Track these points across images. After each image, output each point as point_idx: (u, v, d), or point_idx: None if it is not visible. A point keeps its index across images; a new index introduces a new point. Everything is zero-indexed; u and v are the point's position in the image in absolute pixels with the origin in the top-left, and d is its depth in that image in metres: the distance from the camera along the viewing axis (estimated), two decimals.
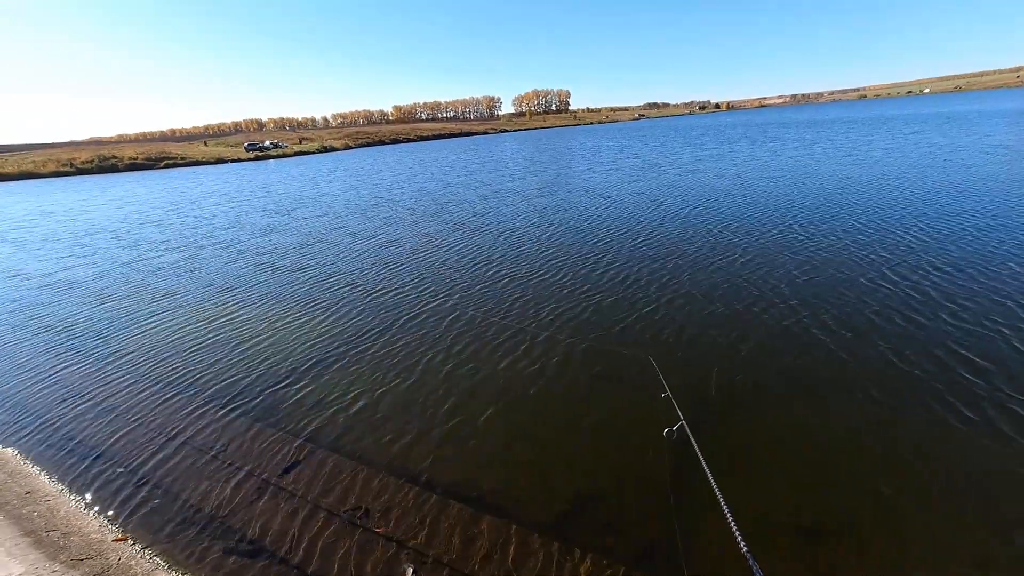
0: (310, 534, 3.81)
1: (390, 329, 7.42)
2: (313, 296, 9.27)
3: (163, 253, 14.41)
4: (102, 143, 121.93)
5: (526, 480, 4.15)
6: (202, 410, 5.70)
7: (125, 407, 5.92)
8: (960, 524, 3.36)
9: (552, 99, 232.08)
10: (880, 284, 7.36)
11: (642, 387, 5.16)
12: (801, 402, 4.79)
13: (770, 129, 51.75)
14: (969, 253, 8.31)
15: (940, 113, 53.54)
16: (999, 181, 13.87)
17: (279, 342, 7.29)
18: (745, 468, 4.01)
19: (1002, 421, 4.27)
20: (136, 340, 7.87)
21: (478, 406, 5.26)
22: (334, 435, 4.99)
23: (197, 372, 6.59)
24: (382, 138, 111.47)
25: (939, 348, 5.47)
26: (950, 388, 4.77)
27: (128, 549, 3.81)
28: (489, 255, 11.15)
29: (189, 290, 10.38)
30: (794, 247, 9.58)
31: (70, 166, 69.26)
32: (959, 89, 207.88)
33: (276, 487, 4.36)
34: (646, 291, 7.93)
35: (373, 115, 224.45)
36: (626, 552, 3.39)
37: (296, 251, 13.25)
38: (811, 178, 17.39)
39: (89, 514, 4.23)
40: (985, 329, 5.76)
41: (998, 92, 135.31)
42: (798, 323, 6.39)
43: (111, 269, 12.90)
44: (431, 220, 16.12)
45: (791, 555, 3.25)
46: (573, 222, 13.87)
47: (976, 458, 3.90)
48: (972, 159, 18.38)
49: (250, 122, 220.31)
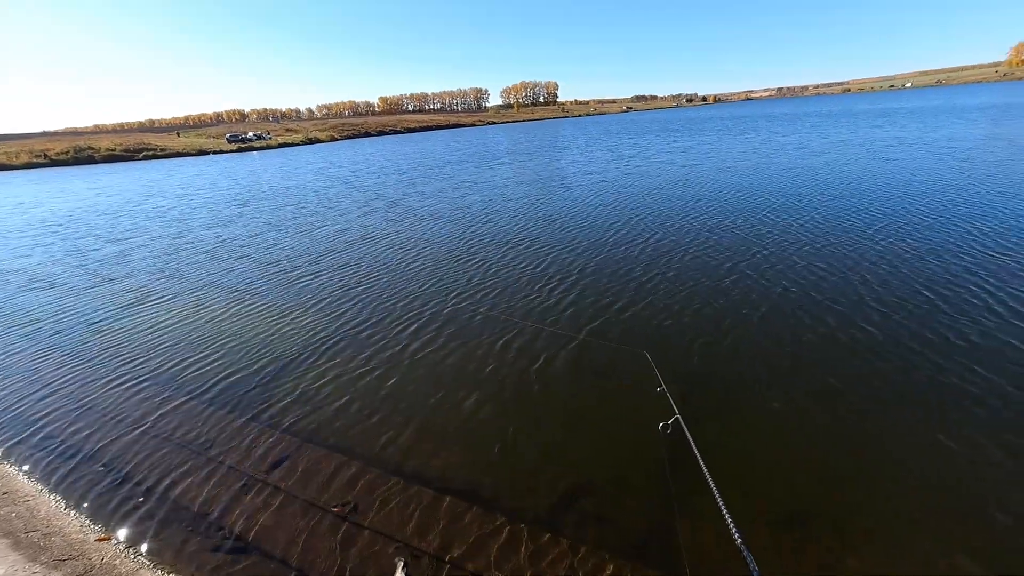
0: (299, 529, 3.78)
1: (377, 322, 7.36)
2: (297, 290, 9.14)
3: (141, 247, 14.08)
4: (78, 133, 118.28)
5: (518, 474, 4.15)
6: (186, 406, 5.60)
7: (105, 404, 5.79)
8: (954, 514, 3.42)
9: (540, 91, 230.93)
10: (879, 276, 7.49)
11: (637, 382, 5.17)
12: (796, 394, 4.84)
13: (748, 121, 52.38)
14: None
15: (905, 108, 55.54)
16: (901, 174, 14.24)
17: (261, 336, 7.19)
18: (740, 461, 4.04)
19: (995, 413, 4.38)
20: (115, 335, 7.69)
21: (469, 400, 5.24)
22: (321, 430, 4.94)
23: (180, 367, 6.46)
24: (368, 130, 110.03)
25: (932, 339, 5.57)
26: (942, 380, 4.87)
27: (111, 548, 3.74)
28: (477, 248, 11.09)
29: (168, 285, 10.16)
30: (788, 242, 9.69)
31: (44, 157, 67.16)
32: (939, 83, 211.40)
33: (263, 483, 4.31)
34: (641, 285, 7.91)
35: (359, 106, 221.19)
36: (620, 546, 3.41)
37: (276, 245, 13.05)
38: (805, 174, 17.61)
39: (70, 514, 4.15)
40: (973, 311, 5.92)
41: (976, 87, 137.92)
42: (793, 316, 6.46)
43: (86, 263, 12.56)
44: (417, 213, 15.98)
45: (786, 546, 3.29)
46: (564, 215, 13.85)
47: (969, 449, 3.98)
48: (898, 155, 18.83)
49: (232, 112, 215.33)
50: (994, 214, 10.07)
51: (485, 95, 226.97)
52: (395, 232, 13.40)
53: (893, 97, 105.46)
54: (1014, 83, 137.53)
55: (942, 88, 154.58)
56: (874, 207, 11.55)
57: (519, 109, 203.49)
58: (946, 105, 53.46)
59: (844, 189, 13.85)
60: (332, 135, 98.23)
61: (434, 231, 13.14)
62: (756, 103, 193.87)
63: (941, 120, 34.14)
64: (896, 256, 8.18)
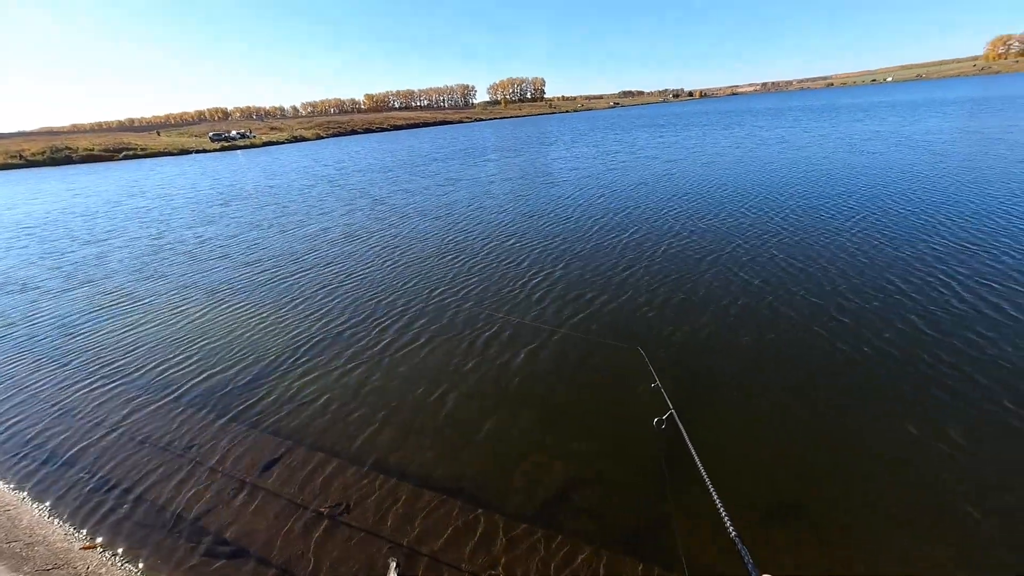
0: (290, 532, 3.75)
1: (361, 320, 7.30)
2: (279, 289, 9.03)
3: (123, 248, 13.80)
4: (54, 133, 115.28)
5: (513, 472, 4.15)
6: (168, 408, 5.51)
7: (85, 408, 5.67)
8: (946, 506, 3.48)
9: (527, 87, 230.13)
10: (868, 270, 7.61)
11: (631, 378, 5.18)
12: (788, 389, 4.88)
13: (733, 116, 52.84)
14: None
15: (883, 102, 56.83)
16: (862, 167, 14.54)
17: (243, 337, 7.10)
18: (734, 455, 4.07)
19: (986, 404, 4.48)
20: (93, 338, 7.54)
21: (461, 398, 5.23)
22: (311, 431, 4.90)
23: (165, 370, 6.36)
24: (355, 127, 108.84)
25: (927, 331, 5.67)
26: (934, 373, 4.97)
27: (97, 557, 3.68)
28: (467, 246, 11.05)
29: (151, 286, 9.97)
30: (781, 236, 9.80)
31: (19, 158, 65.28)
32: (920, 77, 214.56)
33: (253, 486, 4.26)
34: (635, 282, 7.90)
35: (345, 104, 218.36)
36: (617, 541, 3.42)
37: (259, 247, 12.88)
38: (786, 167, 17.83)
39: (54, 522, 4.06)
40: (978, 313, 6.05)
41: (955, 80, 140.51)
42: (787, 311, 6.53)
43: (64, 265, 12.28)
44: (401, 211, 15.88)
45: (781, 539, 3.33)
46: (549, 212, 13.86)
47: (961, 440, 4.05)
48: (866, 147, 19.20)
49: (215, 111, 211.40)
50: (965, 206, 10.29)
51: (472, 92, 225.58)
52: (380, 230, 13.29)
53: (874, 91, 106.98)
54: (990, 77, 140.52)
55: (922, 82, 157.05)
56: (852, 199, 11.74)
57: (506, 105, 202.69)
58: (925, 99, 54.34)
59: (824, 182, 14.06)
60: (318, 133, 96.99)
61: (419, 228, 13.06)
62: (741, 98, 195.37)
63: (919, 114, 34.70)
64: (872, 247, 8.34)
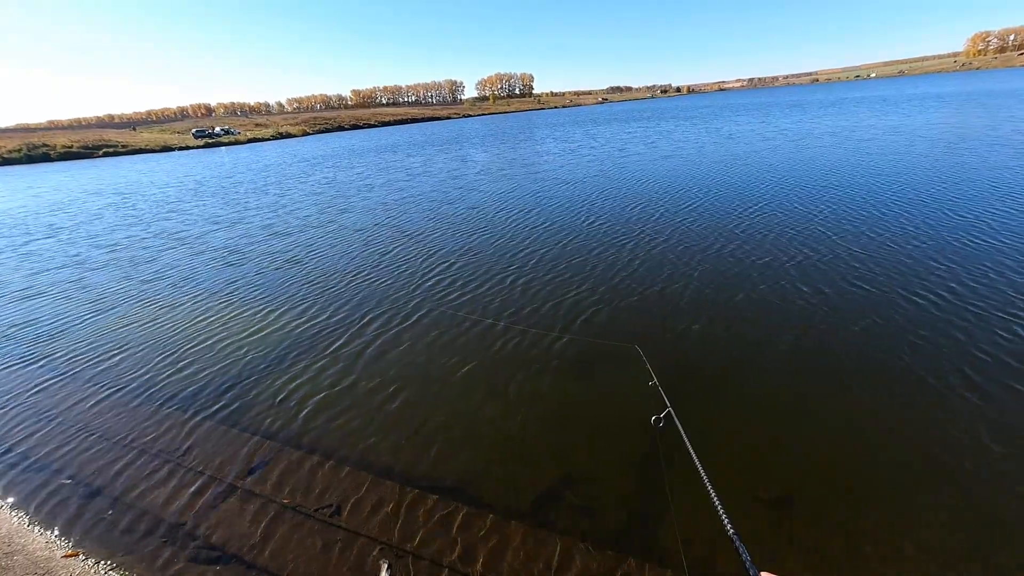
0: (280, 535, 3.68)
1: (355, 322, 7.21)
2: (269, 292, 8.88)
3: (105, 247, 13.48)
4: (30, 130, 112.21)
5: (509, 472, 4.10)
6: (155, 412, 5.38)
7: (69, 413, 5.52)
8: (942, 498, 3.50)
9: (516, 83, 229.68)
10: (869, 266, 7.70)
11: (629, 376, 5.15)
12: (786, 385, 4.89)
13: (726, 111, 53.25)
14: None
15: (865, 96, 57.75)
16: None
17: (233, 340, 6.96)
18: (732, 452, 4.07)
19: (987, 391, 4.56)
20: (78, 339, 7.35)
21: (455, 398, 5.18)
22: (300, 432, 4.82)
23: (148, 372, 6.22)
24: (341, 123, 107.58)
25: (924, 327, 5.72)
26: (931, 366, 5.02)
27: (80, 564, 3.57)
28: (460, 245, 10.97)
29: (135, 286, 9.76)
30: (777, 232, 9.84)
31: None
32: (902, 73, 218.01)
33: (241, 489, 4.18)
34: (631, 280, 7.82)
35: (331, 100, 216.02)
36: (614, 540, 3.40)
37: (248, 246, 12.68)
38: (772, 162, 17.96)
39: (34, 530, 3.94)
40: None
41: (935, 76, 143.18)
42: (783, 308, 6.56)
43: (45, 265, 11.97)
44: (392, 211, 15.74)
45: (780, 536, 3.33)
46: (548, 210, 13.80)
47: (956, 432, 4.09)
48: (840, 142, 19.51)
49: (198, 107, 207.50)
50: (950, 199, 10.47)
51: (460, 87, 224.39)
52: (370, 228, 13.16)
53: (858, 87, 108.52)
54: (971, 72, 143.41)
55: (905, 78, 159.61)
56: (844, 191, 11.82)
57: (495, 101, 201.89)
58: (906, 94, 55.28)
59: (811, 175, 14.19)
60: (304, 129, 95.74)
61: (409, 225, 12.94)
62: (729, 93, 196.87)
63: (902, 108, 35.33)
64: (870, 241, 8.44)
